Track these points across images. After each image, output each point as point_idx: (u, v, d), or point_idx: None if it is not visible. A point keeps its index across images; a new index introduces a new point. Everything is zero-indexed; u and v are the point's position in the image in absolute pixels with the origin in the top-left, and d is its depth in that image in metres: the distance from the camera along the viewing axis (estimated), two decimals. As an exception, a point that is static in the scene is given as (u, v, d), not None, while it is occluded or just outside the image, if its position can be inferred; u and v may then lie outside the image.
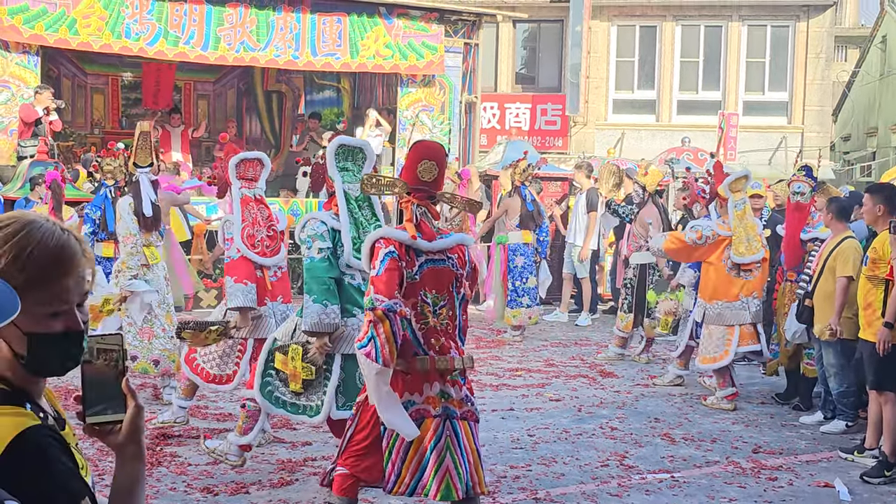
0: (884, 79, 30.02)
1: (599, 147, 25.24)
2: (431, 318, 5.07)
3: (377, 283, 4.95)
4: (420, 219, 5.15)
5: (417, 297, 5.05)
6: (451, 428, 5.06)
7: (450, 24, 18.64)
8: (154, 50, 16.29)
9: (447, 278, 5.14)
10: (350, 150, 6.48)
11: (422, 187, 5.18)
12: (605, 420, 8.89)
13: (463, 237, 5.32)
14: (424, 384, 5.05)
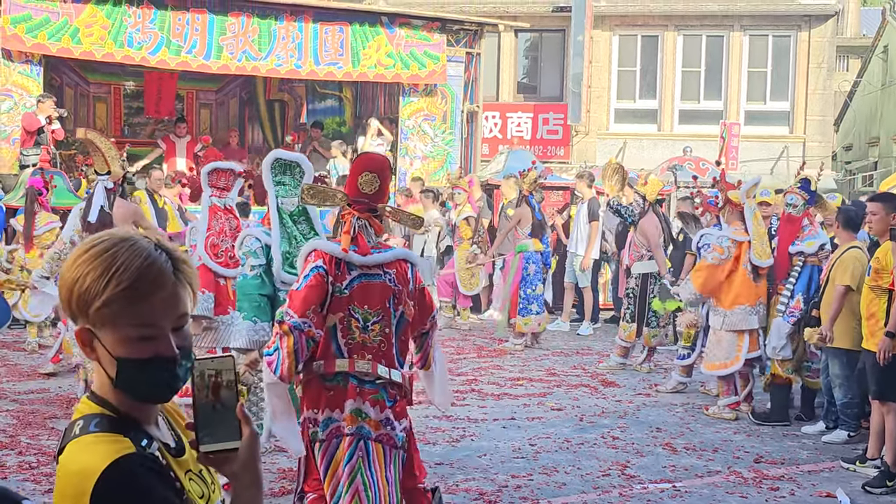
0: (885, 89, 30.04)
1: (601, 156, 25.24)
2: (359, 334, 4.89)
3: (294, 298, 4.86)
4: (358, 232, 5.00)
5: (346, 312, 4.90)
6: (364, 448, 4.90)
7: (451, 33, 18.67)
8: (156, 59, 16.32)
9: (382, 294, 4.94)
10: (287, 164, 6.48)
11: (362, 199, 5.04)
12: (606, 429, 8.87)
13: (405, 253, 5.16)
14: (346, 402, 4.90)
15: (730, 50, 26.42)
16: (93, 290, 1.96)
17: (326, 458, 4.90)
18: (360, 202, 5.04)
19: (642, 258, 11.70)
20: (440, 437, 8.32)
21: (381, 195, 5.08)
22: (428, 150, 18.52)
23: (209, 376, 2.01)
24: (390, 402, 4.96)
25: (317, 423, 4.94)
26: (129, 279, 1.96)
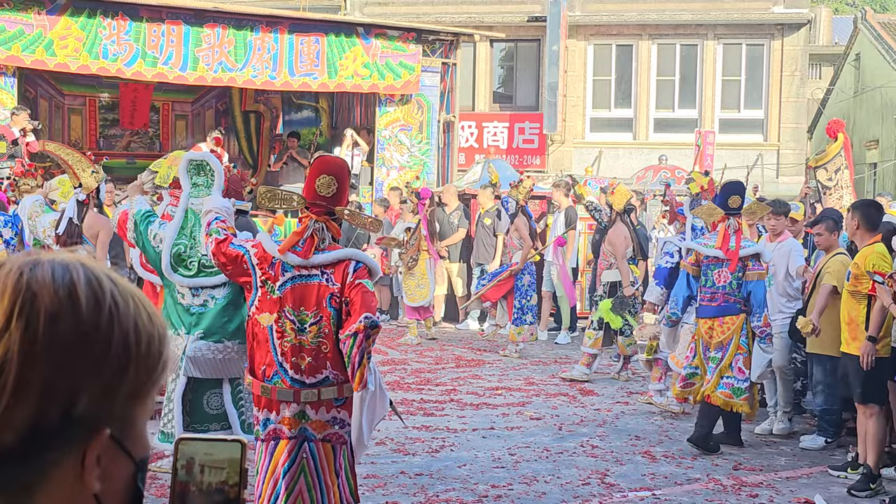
0: (857, 96, 30.29)
1: (577, 165, 25.31)
2: (296, 336, 4.88)
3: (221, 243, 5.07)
4: (311, 234, 4.98)
5: (280, 313, 4.91)
6: (308, 450, 4.89)
7: (427, 43, 18.70)
8: (132, 70, 16.27)
9: (319, 295, 4.91)
10: (199, 165, 6.56)
11: (319, 202, 5.04)
12: (585, 438, 8.89)
13: (350, 253, 5.10)
14: (282, 404, 4.89)
15: (704, 58, 26.56)
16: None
17: (266, 458, 4.93)
18: (317, 205, 5.04)
19: (611, 267, 11.74)
20: (420, 447, 8.33)
21: (339, 198, 5.08)
22: (404, 161, 18.53)
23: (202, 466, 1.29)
24: (338, 401, 4.93)
25: (258, 421, 5.01)
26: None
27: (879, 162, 28.46)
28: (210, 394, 6.30)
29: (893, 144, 27.47)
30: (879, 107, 28.56)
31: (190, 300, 6.33)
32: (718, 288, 8.61)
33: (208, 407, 6.28)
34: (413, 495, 6.98)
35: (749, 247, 8.66)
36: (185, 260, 6.30)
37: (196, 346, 6.30)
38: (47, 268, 1.18)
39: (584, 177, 19.21)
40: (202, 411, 6.28)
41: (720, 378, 8.48)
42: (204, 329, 6.34)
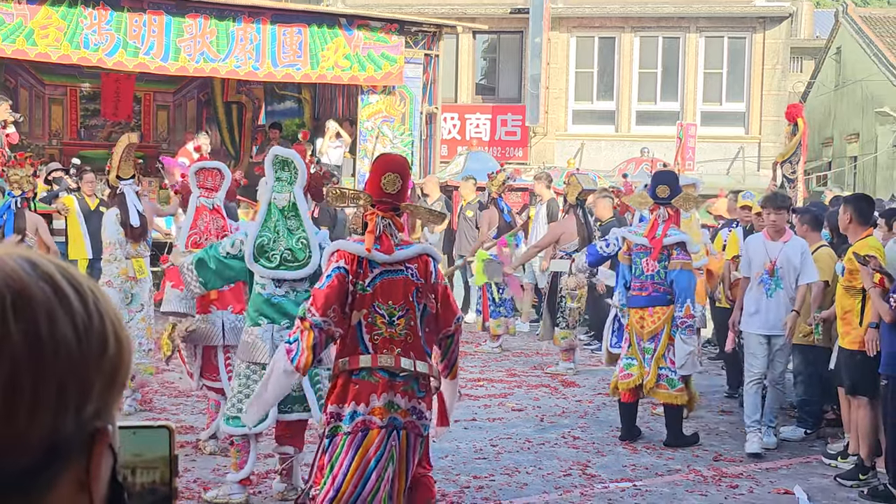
0: (838, 90, 30.42)
1: (559, 157, 25.35)
2: (386, 329, 5.07)
3: (317, 297, 5.03)
4: (382, 231, 5.17)
5: (370, 308, 5.07)
6: (397, 438, 5.09)
7: (410, 35, 18.67)
8: (113, 60, 16.20)
9: (405, 289, 5.13)
10: (284, 161, 6.70)
11: (385, 199, 5.21)
12: (567, 429, 8.92)
13: (424, 248, 5.34)
14: (371, 395, 5.05)
15: (686, 51, 26.63)
16: None
17: (353, 448, 5.04)
18: (384, 202, 5.22)
19: (554, 257, 11.75)
20: (402, 438, 8.33)
21: (402, 194, 5.30)
22: (387, 152, 18.48)
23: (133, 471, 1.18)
24: (421, 392, 5.18)
25: (341, 417, 5.10)
26: None
27: (860, 155, 28.60)
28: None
29: (874, 138, 27.62)
30: (860, 100, 28.70)
31: (272, 290, 6.48)
32: (647, 277, 8.58)
33: (291, 389, 6.37)
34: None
35: (674, 235, 8.58)
36: (267, 252, 6.41)
37: (282, 335, 6.36)
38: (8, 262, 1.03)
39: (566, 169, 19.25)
40: (288, 394, 6.35)
41: (657, 369, 8.48)
42: (289, 320, 6.45)
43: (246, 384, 6.43)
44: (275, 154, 6.76)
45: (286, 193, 6.57)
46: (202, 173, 7.74)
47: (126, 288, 8.76)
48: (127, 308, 8.80)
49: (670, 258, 8.50)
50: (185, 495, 6.65)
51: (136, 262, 8.83)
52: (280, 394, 5.13)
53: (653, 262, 8.53)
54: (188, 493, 6.68)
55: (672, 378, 8.47)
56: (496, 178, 13.36)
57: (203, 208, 7.69)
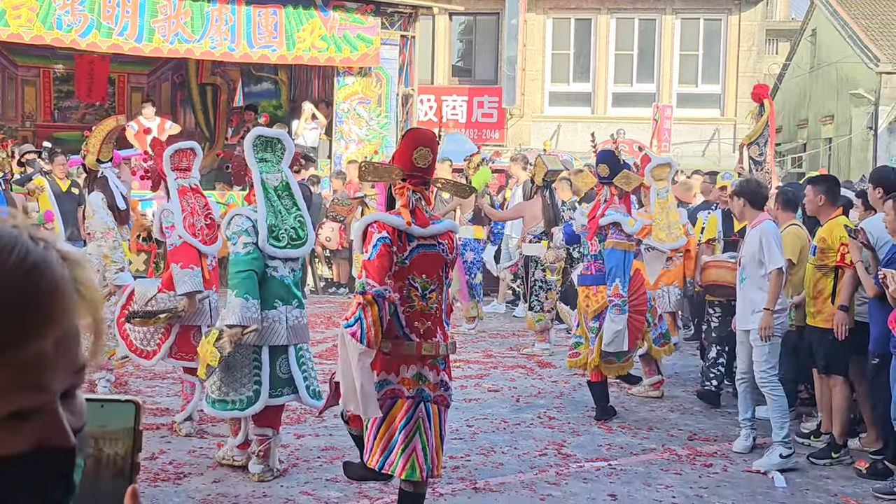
0: (814, 71, 30.53)
1: (535, 139, 25.36)
2: (419, 302, 5.17)
3: (369, 267, 5.07)
4: (415, 205, 5.23)
5: (405, 281, 5.15)
6: (424, 410, 5.19)
7: (386, 16, 18.61)
8: (87, 42, 16.06)
9: (437, 263, 5.24)
10: (269, 141, 6.66)
11: (417, 173, 5.27)
12: (542, 410, 8.96)
13: (453, 224, 5.44)
14: (401, 366, 5.16)
15: (662, 33, 26.67)
16: None
17: (382, 413, 5.13)
18: (415, 176, 5.28)
19: (525, 240, 11.76)
20: (378, 419, 8.34)
21: (432, 169, 5.37)
22: (363, 134, 18.46)
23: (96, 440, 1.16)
24: (443, 364, 5.32)
25: None
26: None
27: (834, 137, 28.74)
28: (280, 359, 6.43)
29: (848, 120, 27.76)
30: (835, 82, 28.82)
31: (283, 272, 6.48)
32: (592, 257, 8.70)
33: (280, 372, 6.44)
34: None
35: (609, 215, 8.61)
36: (275, 232, 6.40)
37: (293, 314, 6.49)
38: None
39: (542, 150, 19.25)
40: (276, 376, 6.41)
41: (601, 347, 8.56)
42: (298, 298, 6.56)
43: (225, 369, 6.41)
44: (258, 134, 6.70)
45: (277, 173, 6.56)
46: (176, 155, 7.69)
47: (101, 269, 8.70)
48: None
49: (605, 237, 8.58)
50: (160, 477, 6.63)
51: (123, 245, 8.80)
52: (367, 376, 5.00)
53: (595, 242, 8.64)
54: (163, 475, 6.67)
55: (619, 352, 8.63)
56: (472, 160, 13.36)
57: (185, 189, 7.65)
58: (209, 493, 6.30)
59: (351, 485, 6.50)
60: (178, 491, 6.38)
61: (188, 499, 6.23)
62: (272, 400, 6.45)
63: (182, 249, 7.46)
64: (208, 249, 7.61)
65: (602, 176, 8.75)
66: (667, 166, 10.20)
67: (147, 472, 6.70)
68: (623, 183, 8.74)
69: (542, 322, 11.59)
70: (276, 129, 7.08)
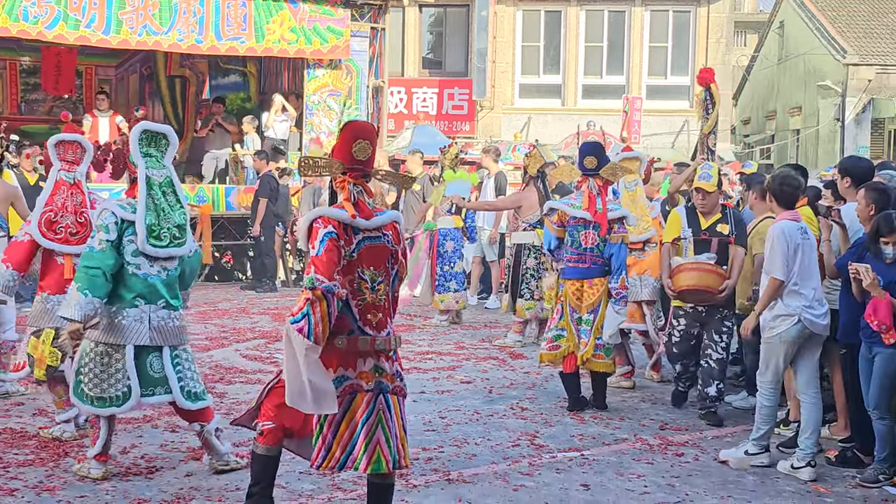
0: (781, 63, 30.72)
1: (506, 131, 25.40)
2: (369, 295, 5.16)
3: (317, 263, 5.02)
4: (357, 198, 5.21)
5: (354, 275, 5.12)
6: (384, 402, 5.17)
7: (356, 8, 18.56)
8: (54, 33, 15.93)
9: (384, 255, 5.23)
10: (154, 136, 6.54)
11: (357, 166, 5.25)
12: (515, 401, 8.97)
13: (396, 214, 5.40)
14: (358, 360, 5.14)
15: (631, 25, 26.75)
16: None
17: (340, 412, 5.09)
18: (355, 169, 5.26)
19: (518, 229, 11.81)
20: (351, 411, 8.33)
21: (372, 161, 5.34)
22: (333, 126, 18.41)
23: None
24: (394, 355, 5.32)
25: None
26: None
27: (802, 128, 28.95)
28: (151, 357, 6.31)
29: (816, 111, 27.96)
30: (802, 74, 29.02)
31: (147, 269, 6.34)
32: (586, 250, 8.59)
33: (152, 370, 6.33)
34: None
35: (615, 210, 8.68)
36: (156, 231, 6.28)
37: (160, 315, 6.35)
38: None
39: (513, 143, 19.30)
40: (147, 375, 6.31)
41: (595, 340, 8.55)
42: (166, 298, 6.39)
43: (99, 365, 6.29)
44: (144, 129, 6.55)
45: (161, 169, 6.44)
46: (62, 146, 7.57)
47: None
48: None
49: (611, 232, 8.57)
50: (132, 471, 6.60)
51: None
52: (322, 372, 4.99)
53: (594, 235, 8.56)
54: (135, 469, 6.64)
55: (608, 348, 8.65)
56: (449, 152, 13.33)
57: (62, 183, 7.52)
58: (181, 487, 6.27)
59: (324, 477, 6.49)
60: (150, 485, 6.35)
61: (160, 492, 6.20)
62: (144, 399, 6.34)
63: (17, 246, 7.33)
64: (72, 249, 7.35)
65: (589, 168, 8.67)
66: (636, 160, 10.22)
67: (119, 466, 6.66)
68: (609, 174, 8.76)
69: (531, 310, 11.63)
70: (162, 125, 6.89)
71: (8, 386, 8.45)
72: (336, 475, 6.57)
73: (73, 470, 6.51)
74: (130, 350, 6.30)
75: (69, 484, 6.31)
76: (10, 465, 6.63)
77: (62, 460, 6.79)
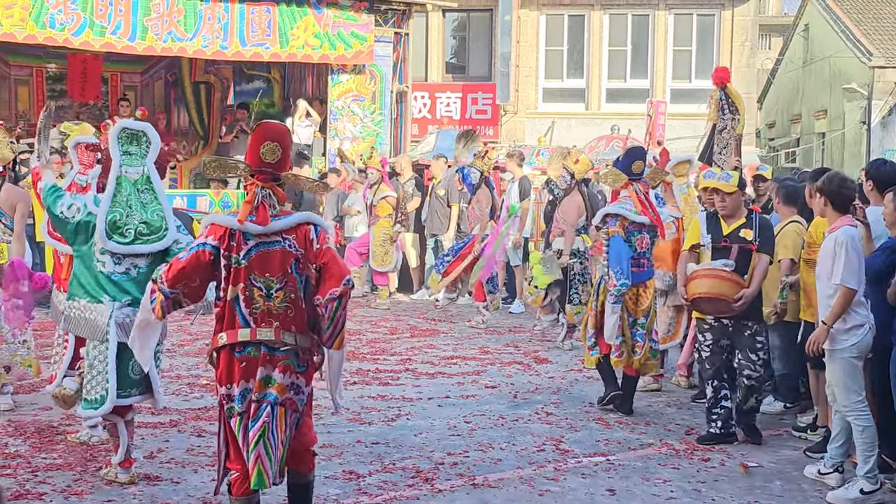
0: (806, 66, 30.57)
1: (530, 136, 25.37)
2: (263, 303, 5.01)
3: (172, 265, 5.13)
4: (261, 201, 5.08)
5: (246, 282, 5.01)
6: (270, 413, 5.02)
7: (380, 13, 18.61)
8: (80, 40, 16.04)
9: (283, 260, 5.04)
10: (134, 134, 6.59)
11: (265, 169, 5.13)
12: (540, 405, 8.96)
13: (308, 216, 5.21)
14: (258, 368, 5.02)
15: (655, 29, 26.68)
16: None
17: (244, 431, 5.03)
18: (263, 172, 5.13)
19: (562, 234, 11.78)
20: (376, 416, 8.35)
21: (283, 163, 5.18)
22: (357, 131, 18.47)
23: None
24: (301, 367, 5.11)
25: (232, 398, 5.06)
26: None
27: (828, 132, 28.79)
28: (133, 360, 6.25)
29: (841, 114, 27.80)
30: (828, 77, 28.86)
31: (112, 268, 6.38)
32: (641, 253, 8.65)
33: (132, 372, 6.35)
34: (370, 463, 7.01)
35: (664, 215, 8.97)
36: (121, 227, 6.32)
37: (124, 312, 6.33)
38: None
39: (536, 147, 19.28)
40: (127, 377, 6.34)
41: (649, 343, 8.65)
42: (132, 296, 6.36)
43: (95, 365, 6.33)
44: (123, 127, 6.59)
45: (139, 167, 6.48)
46: (80, 148, 7.62)
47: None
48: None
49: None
50: (159, 476, 6.63)
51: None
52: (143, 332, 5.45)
53: (647, 239, 8.67)
54: (162, 474, 6.66)
55: (655, 350, 8.79)
56: (487, 157, 13.37)
57: (74, 185, 7.56)
58: (207, 492, 6.29)
59: (350, 482, 6.52)
60: (177, 489, 6.38)
61: (187, 497, 6.23)
62: (120, 400, 6.33)
63: None
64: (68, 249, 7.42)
65: (636, 172, 8.71)
66: (687, 163, 10.17)
67: (146, 471, 6.70)
68: (651, 178, 8.95)
69: (580, 314, 11.63)
70: (142, 122, 6.93)
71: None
72: (361, 479, 6.59)
73: (101, 474, 6.55)
74: (113, 348, 6.32)
75: (97, 488, 6.34)
76: (38, 468, 6.67)
77: (90, 464, 6.83)
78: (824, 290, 6.71)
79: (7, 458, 6.87)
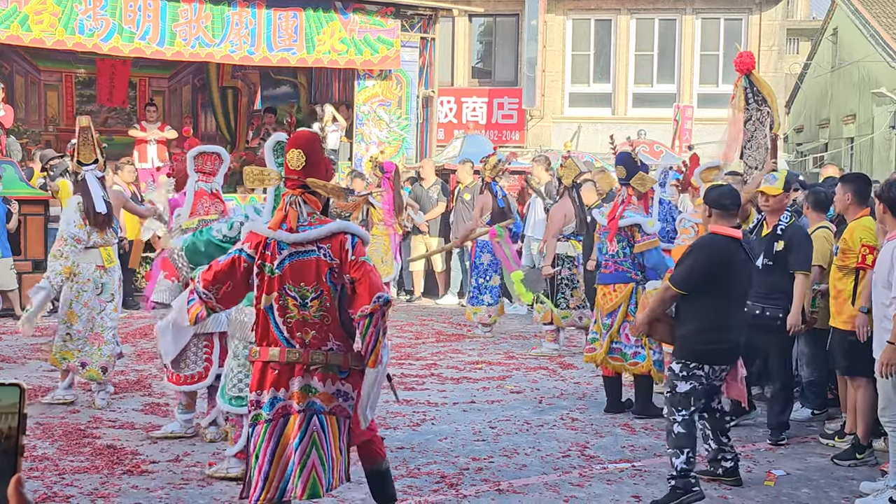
0: (835, 71, 30.39)
1: (556, 140, 25.33)
2: (298, 312, 4.97)
3: (211, 266, 5.18)
4: (289, 209, 5.08)
5: (280, 291, 4.99)
6: (318, 423, 4.98)
7: (406, 18, 18.65)
8: (109, 46, 16.16)
9: (318, 270, 4.99)
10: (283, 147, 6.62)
11: (291, 176, 5.14)
12: (565, 411, 8.95)
13: (345, 225, 5.16)
14: (290, 379, 4.99)
15: (682, 33, 26.59)
16: None
17: (274, 438, 4.99)
18: (290, 179, 5.16)
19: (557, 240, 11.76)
20: (401, 421, 8.36)
21: (310, 170, 5.14)
22: (383, 136, 18.51)
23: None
24: (343, 373, 5.07)
25: (260, 404, 5.04)
26: None
27: (857, 136, 28.61)
28: None
29: (870, 119, 27.61)
30: (857, 81, 28.68)
31: None
32: (609, 256, 8.86)
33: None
34: (395, 468, 7.00)
35: (629, 217, 8.76)
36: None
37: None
38: None
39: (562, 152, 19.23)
40: None
41: (610, 344, 8.77)
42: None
43: (244, 363, 6.42)
44: (278, 140, 6.70)
45: None
46: (201, 157, 7.70)
47: (95, 278, 8.56)
48: (98, 298, 8.57)
49: (633, 239, 8.74)
50: (186, 479, 6.67)
51: (103, 251, 8.60)
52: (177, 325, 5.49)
53: (614, 243, 8.80)
54: (189, 478, 6.70)
55: (625, 352, 8.77)
56: (489, 162, 13.21)
57: (202, 192, 7.64)
58: (234, 496, 6.31)
59: (375, 487, 6.51)
60: (204, 493, 6.41)
61: (213, 500, 6.25)
62: None
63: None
64: None
65: (620, 177, 8.97)
66: (715, 169, 10.11)
67: (173, 474, 6.73)
68: (639, 184, 8.84)
69: (567, 319, 11.64)
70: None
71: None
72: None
73: (208, 473, 6.66)
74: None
75: (123, 492, 6.38)
76: (65, 471, 6.72)
77: (116, 467, 6.87)
78: (880, 298, 6.61)
79: (35, 460, 6.92)
